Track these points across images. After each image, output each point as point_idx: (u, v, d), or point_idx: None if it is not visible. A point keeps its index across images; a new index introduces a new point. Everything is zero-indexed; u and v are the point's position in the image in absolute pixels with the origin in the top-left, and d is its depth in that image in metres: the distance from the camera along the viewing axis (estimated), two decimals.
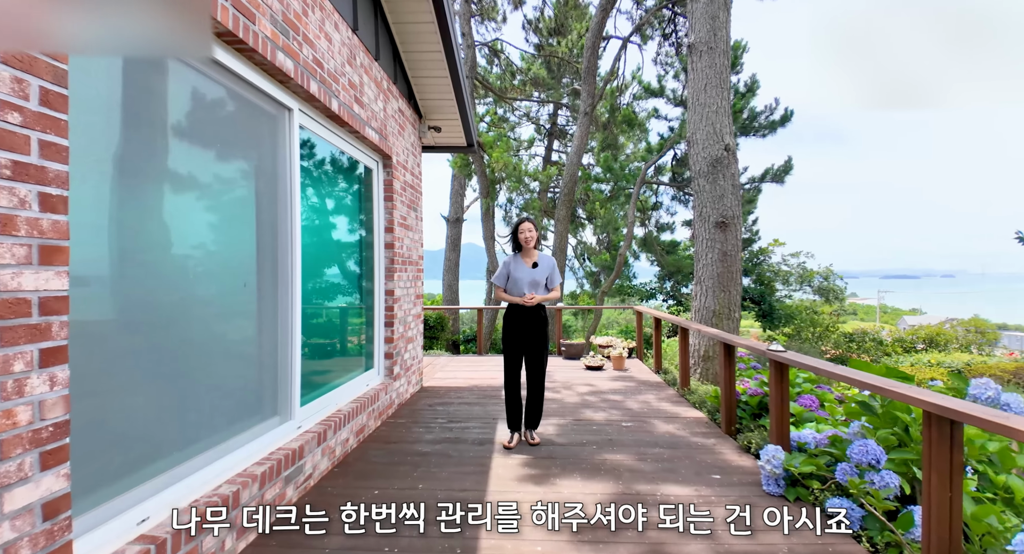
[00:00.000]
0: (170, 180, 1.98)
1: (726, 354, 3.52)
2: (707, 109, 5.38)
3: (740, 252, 5.49)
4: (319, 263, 3.30)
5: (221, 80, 2.23)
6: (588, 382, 5.43)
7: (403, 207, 4.49)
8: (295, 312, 2.73)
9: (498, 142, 12.64)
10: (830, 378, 2.40)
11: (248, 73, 2.33)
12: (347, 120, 3.23)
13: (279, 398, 2.71)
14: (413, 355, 4.84)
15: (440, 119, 5.28)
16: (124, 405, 1.77)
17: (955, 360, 8.07)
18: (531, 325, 3.48)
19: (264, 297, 2.59)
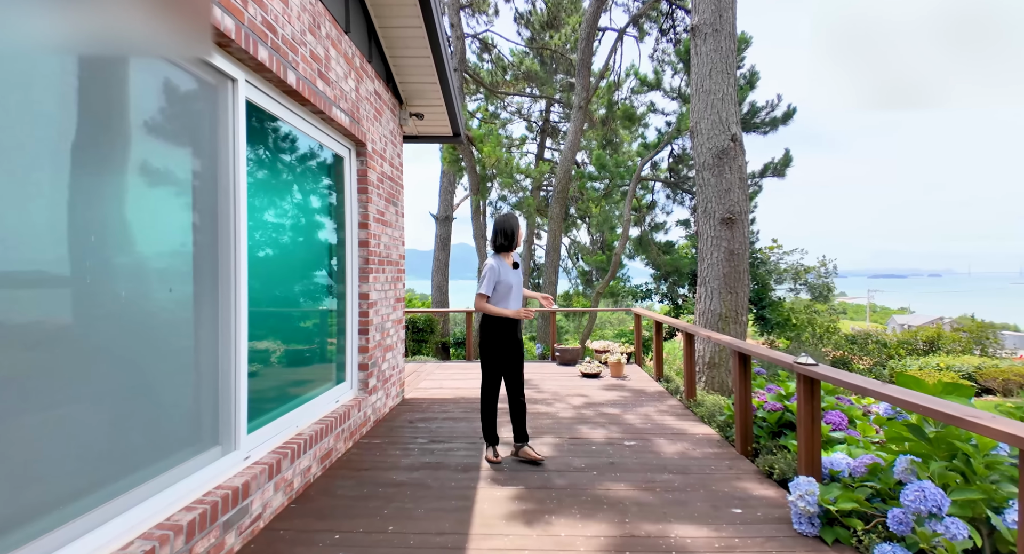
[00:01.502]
0: (78, 166, 1.55)
1: (741, 365, 3.15)
2: (712, 96, 5.02)
3: (747, 251, 5.13)
4: (277, 263, 2.88)
5: None
6: (584, 392, 5.04)
7: (380, 201, 4.07)
8: (239, 321, 2.31)
9: (489, 136, 12.22)
10: (879, 399, 2.02)
11: None
12: (308, 97, 2.80)
13: (220, 424, 2.28)
14: (393, 365, 4.42)
15: (423, 105, 4.86)
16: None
17: (963, 363, 7.81)
18: (515, 334, 3.30)
19: (202, 304, 2.17)
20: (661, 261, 12.23)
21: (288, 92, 2.71)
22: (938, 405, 1.77)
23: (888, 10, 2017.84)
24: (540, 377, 5.88)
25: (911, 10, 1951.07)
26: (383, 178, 4.16)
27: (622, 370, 5.90)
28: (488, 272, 3.29)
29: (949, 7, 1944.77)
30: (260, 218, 2.68)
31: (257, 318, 2.61)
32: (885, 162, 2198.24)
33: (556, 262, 12.30)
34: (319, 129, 3.19)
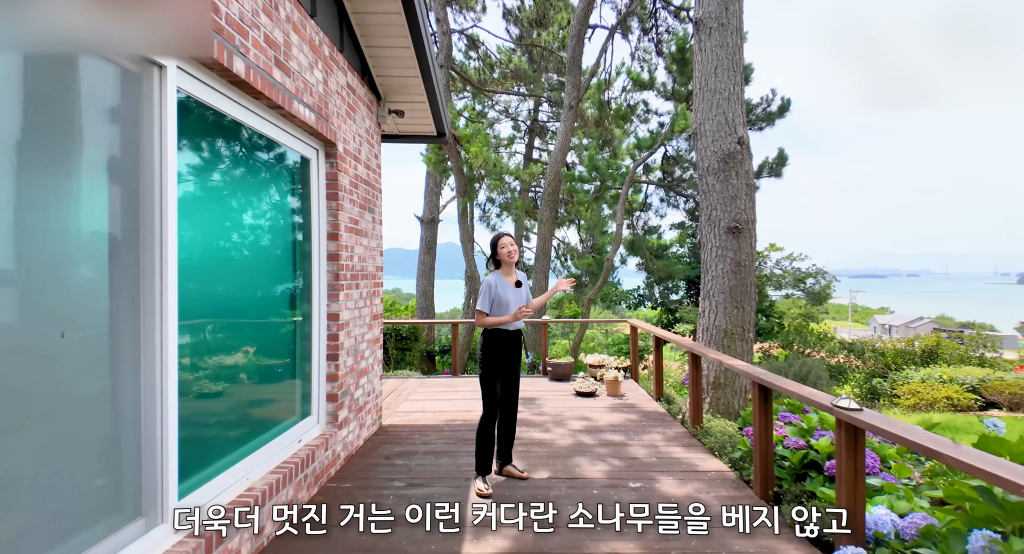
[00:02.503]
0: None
1: (761, 399, 2.80)
2: (718, 96, 4.69)
3: (755, 262, 4.81)
4: (224, 284, 2.45)
5: None
6: (581, 415, 4.67)
7: (354, 208, 3.65)
8: (166, 358, 1.88)
9: (476, 136, 11.82)
10: (951, 466, 1.67)
11: None
12: (263, 89, 2.38)
13: (143, 490, 1.85)
14: (368, 390, 4.00)
15: (403, 102, 4.45)
16: None
17: (967, 375, 7.63)
18: (516, 351, 3.24)
19: (118, 335, 1.74)
20: (654, 266, 11.94)
21: (236, 83, 2.28)
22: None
23: (876, 11, 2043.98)
24: (533, 395, 5.50)
25: (899, 11, 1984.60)
26: (357, 182, 3.74)
27: (619, 388, 5.55)
28: (485, 289, 3.14)
29: (941, 8, 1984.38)
30: (203, 231, 2.25)
31: (199, 349, 2.18)
32: (864, 164, 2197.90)
33: (546, 266, 11.94)
34: (278, 127, 2.77)
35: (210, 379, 2.32)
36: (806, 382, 8.46)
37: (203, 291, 2.26)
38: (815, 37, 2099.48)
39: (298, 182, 3.13)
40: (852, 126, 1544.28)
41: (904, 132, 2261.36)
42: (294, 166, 3.08)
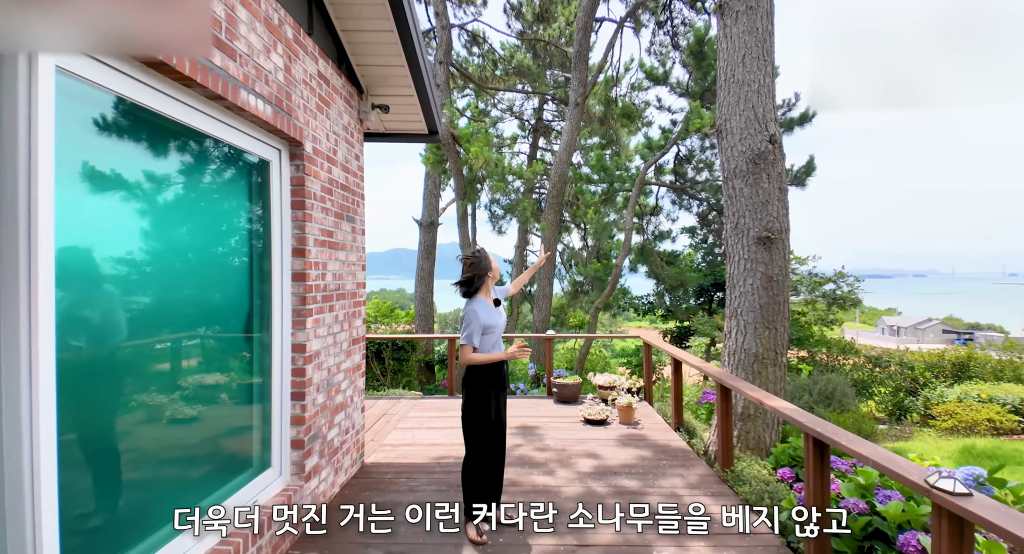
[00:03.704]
0: None
1: (818, 456, 2.29)
2: (746, 88, 4.18)
3: (788, 276, 4.29)
4: (148, 312, 1.97)
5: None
6: (591, 450, 4.16)
7: (327, 217, 3.16)
8: (37, 414, 1.40)
9: (476, 135, 11.33)
10: None
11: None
12: (192, 74, 1.90)
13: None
14: (347, 427, 3.51)
15: (388, 95, 3.97)
16: None
17: (1007, 393, 7.07)
18: (506, 384, 2.95)
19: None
20: (665, 273, 11.41)
21: (154, 65, 1.80)
22: None
23: (873, 11, 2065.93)
24: (537, 422, 5.00)
25: (897, 10, 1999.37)
26: (332, 187, 3.26)
27: (633, 415, 5.04)
28: (471, 318, 2.74)
29: (935, 8, 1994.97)
30: (110, 249, 1.77)
31: (111, 396, 1.71)
32: (868, 163, 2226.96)
33: (551, 272, 11.45)
34: (221, 122, 2.29)
35: (129, 432, 1.84)
36: (832, 401, 7.93)
37: (110, 323, 1.78)
38: (821, 34, 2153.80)
39: (254, 188, 2.65)
40: (855, 124, 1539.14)
41: (909, 132, 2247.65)
42: (247, 169, 2.59)
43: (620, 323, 26.37)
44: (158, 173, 2.01)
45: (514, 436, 4.50)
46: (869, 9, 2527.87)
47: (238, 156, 2.52)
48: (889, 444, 6.87)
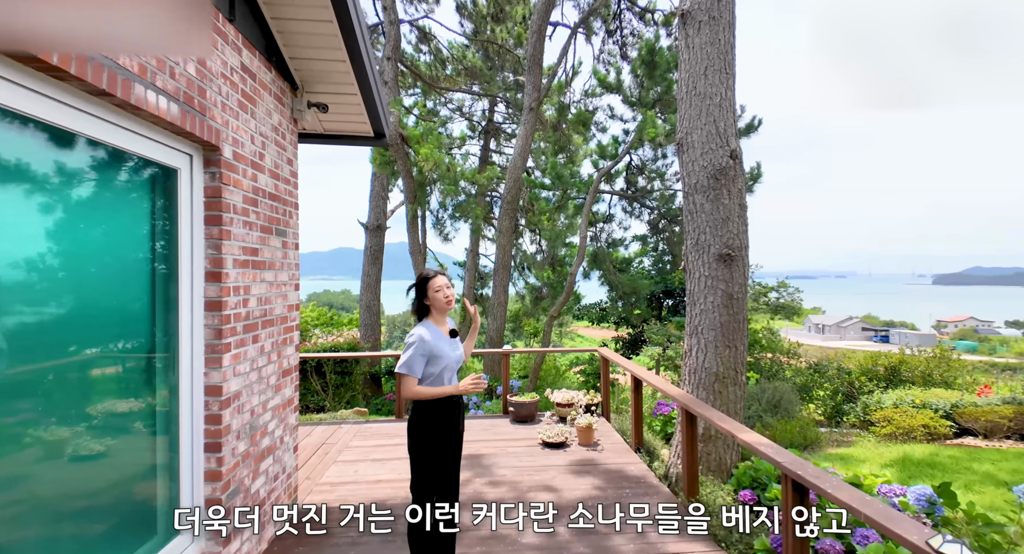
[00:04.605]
0: None
1: (796, 498, 2.16)
2: (708, 102, 4.13)
3: (747, 294, 4.27)
4: (12, 362, 1.53)
5: None
6: (548, 483, 3.94)
7: (251, 232, 2.75)
8: None
9: (427, 136, 10.93)
10: None
11: None
12: (62, 66, 1.49)
13: None
14: (276, 473, 3.09)
15: (328, 93, 3.58)
16: None
17: (938, 399, 7.56)
18: (461, 424, 2.64)
19: None
20: (618, 280, 11.48)
21: (12, 56, 1.39)
22: None
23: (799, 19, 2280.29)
24: (493, 448, 4.73)
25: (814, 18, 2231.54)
26: (258, 197, 2.85)
27: (592, 436, 4.88)
28: (416, 345, 2.42)
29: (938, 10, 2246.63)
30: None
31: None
32: (795, 166, 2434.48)
33: (506, 281, 11.21)
34: (110, 123, 1.86)
35: None
36: (779, 409, 8.18)
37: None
38: (758, 42, 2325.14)
39: (156, 203, 2.22)
40: (784, 128, 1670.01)
41: (836, 137, 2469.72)
42: (146, 180, 2.16)
43: (571, 323, 26.69)
44: (25, 189, 1.57)
45: (468, 467, 4.21)
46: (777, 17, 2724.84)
47: (134, 164, 2.09)
48: (832, 450, 7.14)
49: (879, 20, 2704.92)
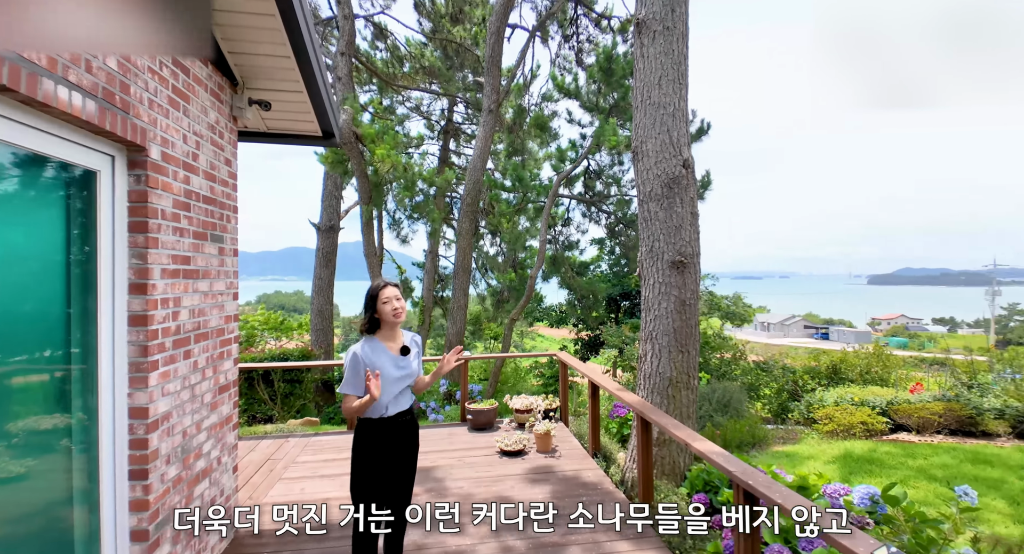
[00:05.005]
0: None
1: (748, 507, 2.22)
2: (662, 111, 4.21)
3: (698, 300, 4.38)
4: None
5: None
6: (507, 493, 3.90)
7: (182, 240, 2.57)
8: None
9: (384, 136, 10.68)
10: None
11: None
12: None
13: None
14: (213, 496, 2.89)
15: (271, 90, 3.41)
16: None
17: (874, 396, 8.06)
18: (409, 446, 2.51)
19: None
20: (576, 283, 11.61)
21: None
22: None
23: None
24: (451, 459, 4.64)
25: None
26: (191, 201, 2.66)
27: (550, 442, 4.87)
28: (350, 364, 2.35)
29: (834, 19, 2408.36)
30: None
31: None
32: (736, 171, 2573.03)
33: (466, 284, 11.10)
34: (13, 121, 1.68)
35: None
36: (729, 409, 8.48)
37: None
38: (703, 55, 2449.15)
39: (71, 209, 2.02)
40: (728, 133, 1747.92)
41: (781, 144, 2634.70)
42: (59, 184, 1.97)
43: (530, 323, 26.95)
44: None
45: (422, 480, 4.11)
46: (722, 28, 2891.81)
47: (45, 167, 1.89)
48: (779, 448, 7.47)
49: (878, 22, 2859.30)
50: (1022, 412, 7.01)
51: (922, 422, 7.07)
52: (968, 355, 10.94)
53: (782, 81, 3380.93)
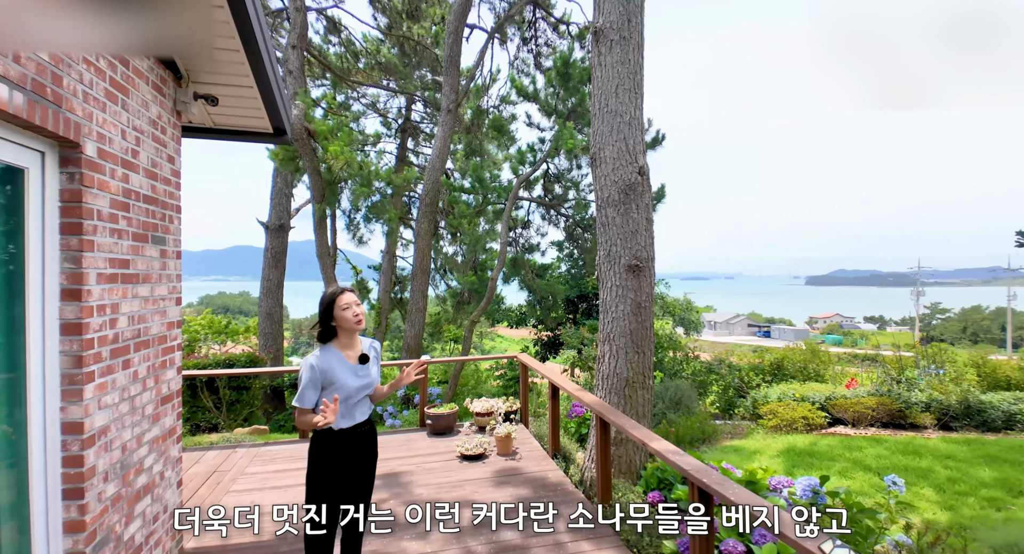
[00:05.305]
0: None
1: (702, 504, 2.32)
2: (618, 119, 4.34)
3: (652, 302, 4.54)
4: None
5: None
6: (467, 497, 3.90)
7: (120, 241, 2.42)
8: None
9: (338, 132, 10.40)
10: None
11: None
12: None
13: None
14: (156, 513, 2.74)
15: (219, 84, 3.27)
16: None
17: (814, 392, 8.58)
18: (367, 459, 2.46)
19: None
20: (536, 285, 11.72)
21: None
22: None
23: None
24: (409, 465, 4.58)
25: None
26: (131, 200, 2.51)
27: (511, 445, 4.91)
28: (306, 374, 2.28)
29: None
30: None
31: None
32: (683, 173, 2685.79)
33: (425, 285, 10.97)
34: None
35: None
36: (680, 406, 8.81)
37: None
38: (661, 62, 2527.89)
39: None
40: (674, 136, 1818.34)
41: (724, 145, 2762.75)
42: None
43: (491, 323, 27.08)
44: None
45: (382, 488, 4.04)
46: None
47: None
48: (728, 443, 7.82)
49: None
50: (945, 405, 7.66)
51: (857, 416, 7.60)
52: (896, 351, 11.84)
53: (731, 84, 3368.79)
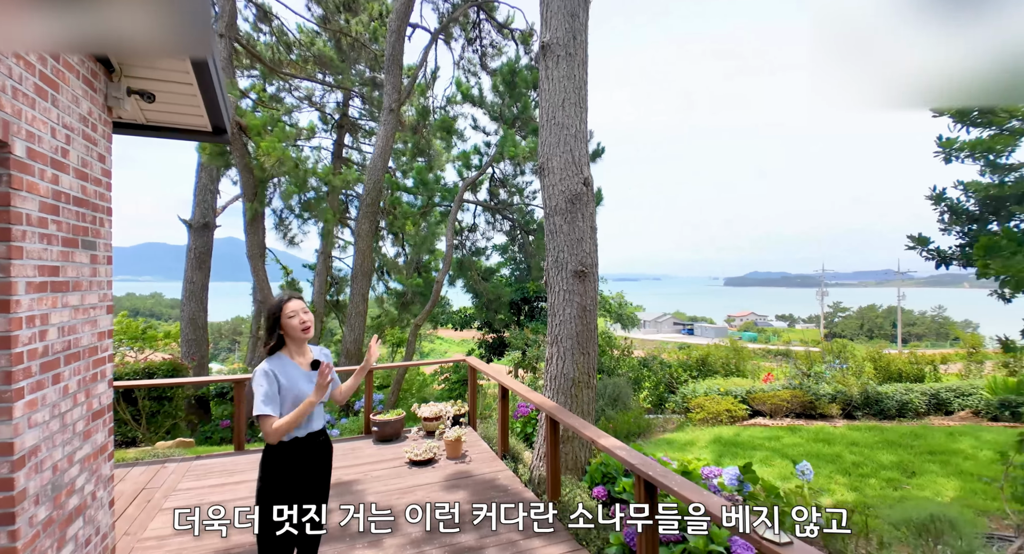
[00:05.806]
0: None
1: (647, 496, 2.52)
2: (565, 132, 4.54)
3: (597, 306, 4.78)
4: None
5: None
6: (420, 501, 3.91)
7: (50, 247, 2.25)
8: None
9: (271, 127, 9.93)
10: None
11: None
12: None
13: None
14: (88, 536, 2.55)
15: (155, 80, 3.09)
16: None
17: (737, 386, 9.33)
18: (324, 467, 2.45)
19: None
20: (482, 288, 11.80)
21: None
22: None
23: None
24: (356, 474, 4.51)
25: None
26: (60, 203, 2.34)
27: (460, 448, 4.97)
28: (260, 382, 2.22)
29: None
30: None
31: None
32: (618, 181, 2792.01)
33: (365, 289, 10.70)
34: None
35: None
36: (618, 402, 9.25)
37: None
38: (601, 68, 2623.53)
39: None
40: None
41: (645, 151, 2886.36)
42: None
43: (435, 326, 26.88)
44: None
45: (331, 498, 3.95)
46: None
47: None
48: (661, 436, 8.32)
49: None
50: (849, 396, 8.60)
51: (774, 408, 8.35)
52: (805, 347, 13.09)
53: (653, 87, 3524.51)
